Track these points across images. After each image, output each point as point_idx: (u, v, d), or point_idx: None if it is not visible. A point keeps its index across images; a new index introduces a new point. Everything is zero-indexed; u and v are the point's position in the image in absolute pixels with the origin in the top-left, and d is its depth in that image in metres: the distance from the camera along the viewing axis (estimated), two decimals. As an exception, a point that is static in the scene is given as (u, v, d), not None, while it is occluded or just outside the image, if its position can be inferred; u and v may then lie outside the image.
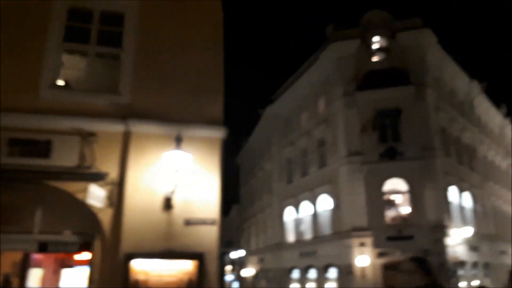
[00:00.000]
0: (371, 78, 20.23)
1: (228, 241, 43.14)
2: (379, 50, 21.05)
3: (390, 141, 19.33)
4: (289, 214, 25.75)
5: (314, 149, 23.63)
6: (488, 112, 29.33)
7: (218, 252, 6.27)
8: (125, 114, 6.31)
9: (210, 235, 6.20)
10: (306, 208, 23.79)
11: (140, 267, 5.85)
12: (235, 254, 37.77)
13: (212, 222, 6.22)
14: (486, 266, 22.02)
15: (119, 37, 6.91)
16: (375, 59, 21.05)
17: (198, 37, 7.11)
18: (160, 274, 5.89)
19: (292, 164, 25.92)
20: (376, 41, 21.08)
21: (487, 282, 21.45)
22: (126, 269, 5.76)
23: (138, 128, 6.26)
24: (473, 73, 25.81)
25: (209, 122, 6.57)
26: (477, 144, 25.41)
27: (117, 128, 6.27)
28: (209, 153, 6.47)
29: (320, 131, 23.07)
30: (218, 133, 6.64)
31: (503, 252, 24.63)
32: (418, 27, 20.82)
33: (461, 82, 24.94)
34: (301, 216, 24.32)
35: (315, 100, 23.99)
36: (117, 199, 6.05)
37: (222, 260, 39.06)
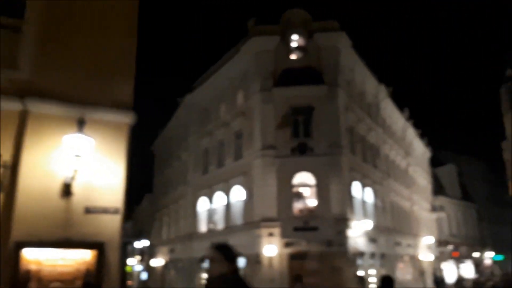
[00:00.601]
0: (287, 75, 20.85)
1: (138, 231, 42.02)
2: (297, 48, 21.71)
3: (302, 137, 20.11)
4: (202, 205, 25.74)
5: (231, 141, 23.82)
6: (392, 115, 31.75)
7: (120, 242, 6.09)
8: (23, 91, 5.85)
9: (112, 224, 6.00)
10: (219, 199, 23.95)
11: (32, 256, 5.50)
12: (140, 244, 36.97)
13: (114, 211, 6.02)
14: (383, 256, 23.86)
15: (22, 8, 6.36)
16: (292, 57, 21.69)
17: (110, 16, 6.78)
18: (55, 264, 5.59)
19: (209, 155, 25.89)
20: (295, 40, 21.72)
21: (383, 271, 23.35)
22: (16, 258, 5.40)
23: (37, 107, 5.84)
24: (381, 77, 27.75)
25: (117, 106, 6.32)
26: (381, 144, 27.39)
27: (13, 106, 5.80)
28: (115, 138, 6.23)
29: (237, 123, 23.30)
30: (126, 118, 6.41)
31: (397, 244, 26.92)
32: (334, 29, 21.82)
33: (370, 85, 26.69)
34: (215, 206, 24.45)
35: (234, 93, 24.15)
36: (9, 183, 5.61)
37: (125, 250, 38.00)
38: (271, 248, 18.90)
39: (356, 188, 21.78)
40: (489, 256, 48.14)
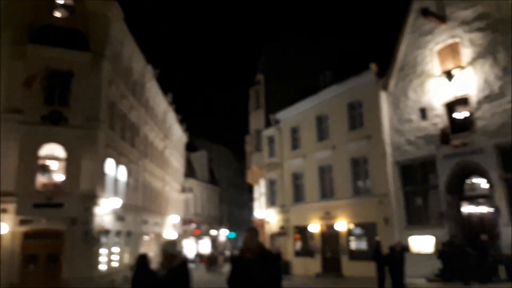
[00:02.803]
0: (48, 33, 18.50)
1: None
2: (62, 6, 19.53)
3: (57, 105, 18.26)
4: None
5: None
6: (156, 97, 32.26)
7: None
8: None
9: None
10: None
11: None
12: None
13: None
14: (128, 234, 24.03)
15: None
16: (57, 14, 19.37)
17: None
18: None
19: None
20: (61, -4, 19.52)
21: (127, 248, 23.61)
22: None
23: None
24: (150, 58, 27.82)
25: None
26: (142, 124, 27.44)
27: None
28: None
29: (-26, 77, 19.33)
30: None
31: (145, 222, 27.60)
32: (107, -4, 20.58)
33: (138, 63, 26.37)
34: None
35: (-27, 39, 19.92)
36: None
37: None
38: (2, 226, 16.54)
39: (110, 165, 21.19)
40: (224, 234, 54.97)
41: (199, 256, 43.52)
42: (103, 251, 20.05)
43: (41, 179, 18.20)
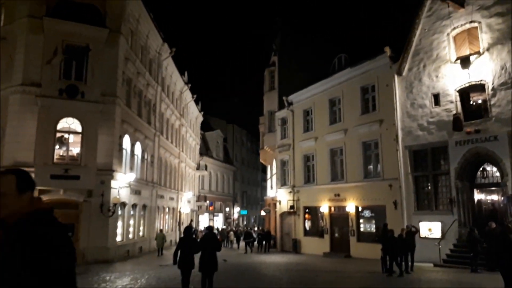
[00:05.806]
0: (65, 8, 18.77)
1: None
2: (80, -18, 19.77)
3: (73, 79, 18.68)
4: None
5: (-19, 69, 20.15)
6: (173, 76, 32.54)
7: None
8: None
9: None
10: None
11: None
12: None
13: None
14: (144, 207, 24.77)
15: None
16: (74, -11, 19.68)
17: None
18: None
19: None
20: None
21: (143, 221, 24.41)
22: None
23: None
24: (166, 36, 27.95)
25: None
26: (158, 101, 27.81)
27: None
28: None
29: (-5, 49, 19.84)
30: None
31: (161, 196, 28.30)
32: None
33: (155, 41, 26.59)
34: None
35: (-7, 11, 20.41)
36: None
37: None
38: (22, 195, 17.18)
39: (126, 140, 21.70)
40: (236, 211, 55.93)
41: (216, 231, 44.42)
42: (119, 223, 20.75)
43: (58, 151, 18.79)
